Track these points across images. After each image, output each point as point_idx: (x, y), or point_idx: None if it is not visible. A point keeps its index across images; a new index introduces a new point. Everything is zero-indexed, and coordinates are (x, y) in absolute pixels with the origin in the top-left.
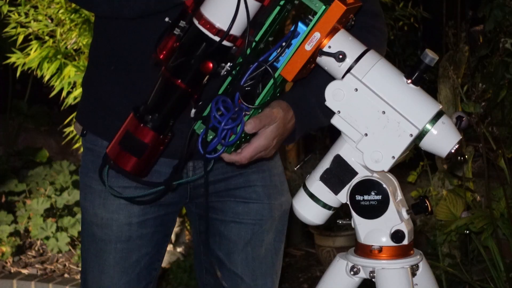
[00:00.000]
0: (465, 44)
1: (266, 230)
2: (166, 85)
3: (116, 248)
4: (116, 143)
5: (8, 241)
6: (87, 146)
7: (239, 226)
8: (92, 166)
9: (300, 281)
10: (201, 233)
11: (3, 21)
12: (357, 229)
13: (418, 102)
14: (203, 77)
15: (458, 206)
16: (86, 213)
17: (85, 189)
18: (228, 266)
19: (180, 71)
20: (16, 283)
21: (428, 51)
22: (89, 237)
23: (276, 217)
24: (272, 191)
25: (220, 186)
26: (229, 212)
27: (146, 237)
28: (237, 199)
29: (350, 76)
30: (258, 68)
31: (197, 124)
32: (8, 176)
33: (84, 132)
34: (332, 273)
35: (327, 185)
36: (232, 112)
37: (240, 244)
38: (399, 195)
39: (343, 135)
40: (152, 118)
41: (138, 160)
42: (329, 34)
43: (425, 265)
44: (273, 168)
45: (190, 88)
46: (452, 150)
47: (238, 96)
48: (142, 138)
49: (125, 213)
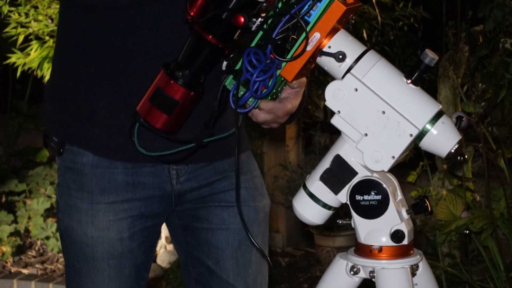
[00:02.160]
0: (465, 44)
1: (254, 234)
2: (197, 41)
3: (109, 265)
4: (146, 100)
5: (8, 241)
6: (66, 165)
7: (226, 232)
8: (74, 185)
9: (300, 281)
10: (188, 243)
11: (3, 21)
12: (357, 229)
13: (418, 102)
14: (235, 32)
15: (458, 206)
16: (74, 234)
17: (68, 210)
18: (219, 274)
19: (211, 26)
20: (16, 283)
21: (428, 51)
22: (79, 258)
23: (261, 220)
24: (255, 193)
25: (205, 191)
26: (214, 219)
27: (136, 250)
28: (222, 203)
29: (350, 76)
30: (290, 21)
31: (228, 80)
32: (8, 176)
33: (61, 151)
34: (332, 273)
35: (327, 185)
36: (264, 64)
37: (229, 251)
38: (399, 195)
39: (343, 135)
40: (182, 74)
41: (168, 117)
42: (329, 34)
43: (425, 265)
44: (254, 170)
45: (221, 44)
46: (452, 150)
47: (270, 49)
48: (172, 95)
49: (115, 229)
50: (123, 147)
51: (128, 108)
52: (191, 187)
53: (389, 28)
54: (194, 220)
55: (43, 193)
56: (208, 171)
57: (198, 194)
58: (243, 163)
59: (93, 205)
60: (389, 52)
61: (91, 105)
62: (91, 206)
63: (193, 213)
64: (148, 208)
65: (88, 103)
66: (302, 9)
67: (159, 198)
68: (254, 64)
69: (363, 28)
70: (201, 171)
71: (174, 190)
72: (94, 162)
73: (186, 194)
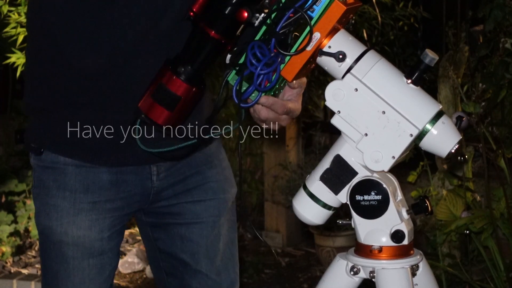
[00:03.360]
0: (465, 44)
1: (222, 223)
2: (200, 36)
3: (89, 264)
4: (148, 96)
5: (8, 241)
6: (44, 165)
7: (200, 226)
8: (55, 184)
9: (300, 281)
10: (157, 239)
11: (3, 21)
12: (357, 229)
13: (418, 102)
14: (238, 27)
15: (458, 206)
16: (53, 234)
17: (47, 209)
18: (193, 267)
19: (214, 21)
20: (16, 283)
21: (428, 51)
22: (57, 258)
23: (229, 208)
24: (225, 184)
25: (179, 187)
26: (188, 214)
27: (114, 249)
28: (195, 198)
29: (350, 76)
30: (294, 15)
31: (231, 75)
32: (8, 176)
33: (41, 151)
34: (332, 273)
35: (327, 185)
36: (268, 57)
37: (203, 243)
38: (399, 195)
39: (343, 135)
40: (185, 70)
41: (170, 113)
42: (329, 34)
43: (425, 265)
44: (223, 162)
45: (224, 39)
46: (452, 150)
47: (274, 43)
48: (175, 91)
49: (97, 229)
50: (109, 153)
51: (119, 111)
52: (168, 183)
53: (389, 28)
54: (165, 217)
55: None
56: (183, 166)
57: (173, 191)
58: (213, 156)
59: (75, 204)
60: (389, 52)
61: (74, 113)
62: (73, 205)
63: (165, 210)
64: (129, 207)
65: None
66: (306, 3)
67: (139, 196)
68: (258, 57)
69: (363, 28)
70: (177, 166)
71: (153, 187)
72: (77, 162)
73: (163, 191)
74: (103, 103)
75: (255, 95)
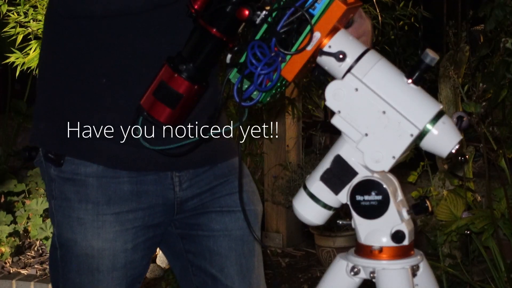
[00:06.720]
0: (465, 44)
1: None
2: (201, 35)
3: (113, 277)
4: (150, 94)
5: (7, 241)
6: (64, 176)
7: (229, 238)
8: (76, 196)
9: (300, 281)
10: (188, 252)
11: (3, 20)
12: (357, 230)
13: (418, 102)
14: (239, 25)
15: (458, 206)
16: (76, 246)
17: (70, 222)
18: (224, 282)
19: (216, 19)
20: (15, 284)
21: (428, 51)
22: (81, 271)
23: (258, 224)
24: (253, 197)
25: (206, 196)
26: (215, 225)
27: (136, 262)
28: (223, 208)
29: (351, 76)
30: (295, 14)
31: (232, 73)
32: (7, 176)
33: (61, 162)
34: (332, 274)
35: (327, 185)
36: (269, 57)
37: (233, 257)
38: (399, 195)
39: (344, 135)
40: (186, 68)
41: (172, 111)
42: (329, 33)
43: (425, 266)
44: (248, 175)
45: (226, 37)
46: (453, 150)
47: (275, 42)
48: (176, 88)
49: (121, 240)
50: (131, 156)
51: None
52: (193, 194)
53: (389, 27)
54: (194, 228)
55: (42, 194)
56: (209, 176)
57: (200, 200)
58: (242, 166)
59: (98, 216)
60: (389, 51)
61: (100, 117)
62: (96, 217)
63: (193, 221)
64: (151, 218)
65: (97, 116)
66: (306, 2)
67: (162, 206)
68: (259, 57)
69: None
70: (202, 176)
71: (176, 197)
72: (99, 172)
73: (188, 201)
74: (125, 106)
75: (256, 93)
